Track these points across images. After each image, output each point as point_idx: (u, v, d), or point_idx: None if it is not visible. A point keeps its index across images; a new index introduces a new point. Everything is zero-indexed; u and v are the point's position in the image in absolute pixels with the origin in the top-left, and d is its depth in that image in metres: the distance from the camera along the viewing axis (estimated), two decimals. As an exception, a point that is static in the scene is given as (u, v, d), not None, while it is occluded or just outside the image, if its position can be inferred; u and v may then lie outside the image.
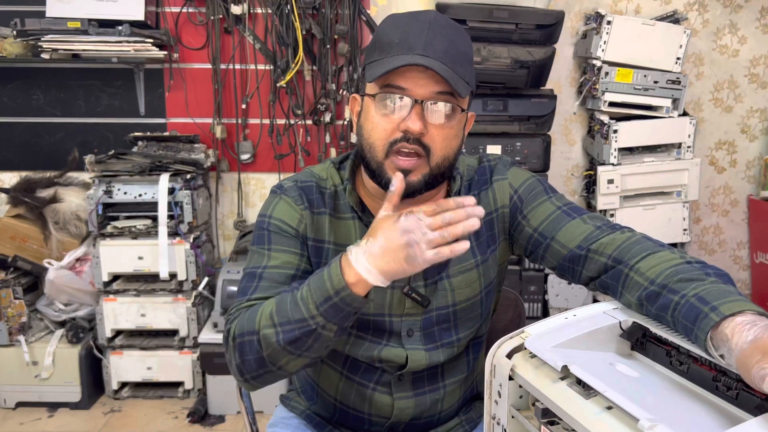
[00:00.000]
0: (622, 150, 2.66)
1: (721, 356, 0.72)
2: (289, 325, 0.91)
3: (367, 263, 0.87)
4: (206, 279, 2.63)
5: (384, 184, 1.01)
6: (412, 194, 1.01)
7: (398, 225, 0.85)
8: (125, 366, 2.62)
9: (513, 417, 0.83)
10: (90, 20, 2.54)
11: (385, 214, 0.91)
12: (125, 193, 2.56)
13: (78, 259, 2.63)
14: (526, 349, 0.81)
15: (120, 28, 2.54)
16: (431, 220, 0.85)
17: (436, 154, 1.00)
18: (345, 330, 0.94)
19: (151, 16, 2.71)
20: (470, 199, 0.87)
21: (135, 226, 2.55)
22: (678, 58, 2.60)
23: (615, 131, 2.61)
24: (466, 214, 0.86)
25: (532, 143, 2.53)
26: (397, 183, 0.93)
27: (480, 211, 0.86)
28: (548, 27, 2.40)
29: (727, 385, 0.72)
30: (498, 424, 0.84)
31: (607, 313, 0.89)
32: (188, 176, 2.61)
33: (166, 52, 2.69)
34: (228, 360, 0.99)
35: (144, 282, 2.61)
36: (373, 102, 1.00)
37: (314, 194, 1.09)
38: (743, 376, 0.68)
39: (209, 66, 2.81)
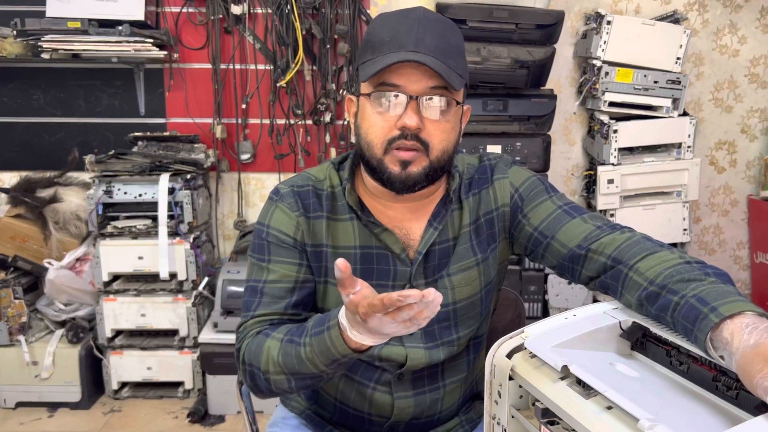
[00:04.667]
0: (622, 150, 2.66)
1: (721, 357, 0.72)
2: (300, 375, 0.96)
3: (365, 338, 0.86)
4: (206, 279, 2.63)
5: (386, 179, 1.02)
6: (412, 187, 1.02)
7: (367, 327, 0.81)
8: (125, 366, 2.62)
9: (513, 417, 0.83)
10: (90, 20, 2.54)
11: (347, 304, 0.82)
12: (125, 193, 2.56)
13: (78, 259, 2.63)
14: (526, 349, 0.81)
15: (120, 28, 2.54)
16: (390, 318, 0.78)
17: (435, 148, 1.00)
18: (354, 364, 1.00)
19: (151, 16, 2.71)
20: (415, 294, 0.75)
21: (135, 226, 2.55)
22: (678, 58, 2.60)
23: (615, 131, 2.61)
24: (426, 307, 0.76)
25: (532, 143, 2.53)
26: (339, 272, 0.79)
27: (434, 297, 0.75)
28: (548, 27, 2.40)
29: (727, 385, 0.72)
30: (498, 424, 0.85)
31: (607, 313, 0.89)
32: (188, 176, 2.61)
33: (166, 52, 2.69)
34: (240, 376, 1.06)
35: (144, 282, 2.61)
36: (369, 101, 1.00)
37: (310, 198, 1.10)
38: (745, 382, 0.68)
39: (209, 66, 2.81)
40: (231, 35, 2.80)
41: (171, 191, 2.54)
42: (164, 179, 2.52)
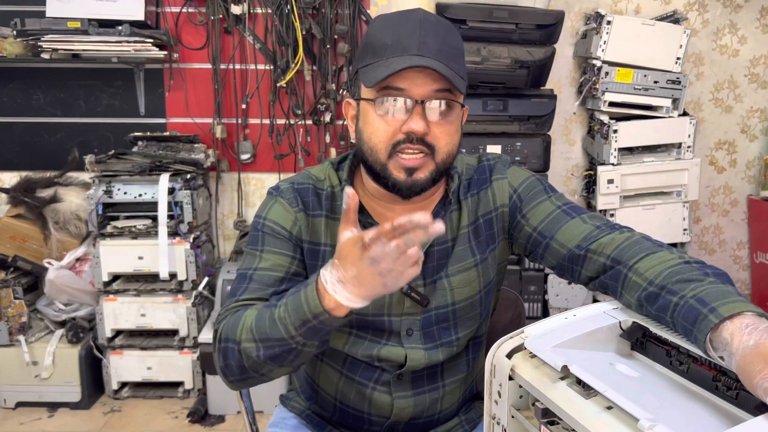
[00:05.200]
0: (622, 150, 2.66)
1: (721, 358, 0.72)
2: (269, 341, 0.92)
3: (346, 292, 0.84)
4: (206, 279, 2.63)
5: (390, 185, 1.01)
6: (420, 192, 1.02)
7: (368, 256, 0.80)
8: (125, 366, 2.62)
9: (513, 417, 0.83)
10: (90, 20, 2.54)
11: (349, 236, 0.83)
12: (125, 193, 2.56)
13: (78, 259, 2.63)
14: (526, 349, 0.81)
15: (120, 28, 2.54)
16: (395, 245, 0.78)
17: (441, 151, 1.00)
18: (326, 343, 0.95)
19: (151, 16, 2.71)
20: (424, 217, 0.77)
21: (135, 226, 2.55)
22: (678, 58, 2.60)
23: (615, 131, 2.61)
24: (426, 233, 0.78)
25: (532, 143, 2.53)
26: (349, 200, 0.84)
27: (439, 228, 0.78)
28: (548, 27, 2.40)
29: (727, 385, 0.72)
30: (498, 424, 0.85)
31: (607, 313, 0.89)
32: (188, 176, 2.61)
33: (166, 52, 2.69)
34: (215, 360, 1.00)
35: (144, 282, 2.61)
36: (372, 106, 0.99)
37: (310, 196, 1.10)
38: (745, 383, 0.68)
39: (209, 66, 2.81)
40: (231, 35, 2.80)
41: (171, 191, 2.54)
42: (164, 179, 2.52)
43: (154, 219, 2.54)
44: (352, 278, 0.83)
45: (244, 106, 2.85)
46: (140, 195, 2.56)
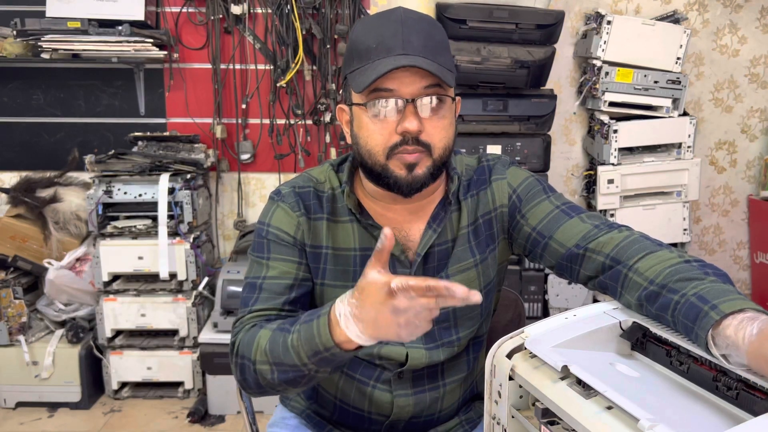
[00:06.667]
0: (622, 150, 2.66)
1: (723, 356, 0.73)
2: (282, 366, 0.93)
3: (358, 330, 0.82)
4: (206, 279, 2.63)
5: (392, 183, 1.01)
6: (420, 188, 1.02)
7: (392, 304, 0.77)
8: (125, 366, 2.62)
9: (513, 417, 0.83)
10: (90, 20, 2.54)
11: (375, 278, 0.79)
12: (125, 193, 2.56)
13: (78, 259, 2.63)
14: (526, 349, 0.82)
15: (120, 28, 2.54)
16: (425, 301, 0.77)
17: (437, 147, 1.00)
18: (340, 368, 0.95)
19: (151, 16, 2.71)
20: (463, 291, 0.77)
21: (135, 226, 2.55)
22: (678, 58, 2.60)
23: (615, 131, 2.61)
24: (461, 301, 0.77)
25: (532, 143, 2.53)
26: (386, 240, 0.80)
27: (476, 299, 0.77)
28: (548, 27, 2.40)
29: (727, 385, 0.72)
30: (498, 424, 0.85)
31: (607, 313, 0.89)
32: (188, 176, 2.61)
33: (166, 52, 2.69)
34: (233, 371, 1.03)
35: (144, 282, 2.61)
36: (364, 110, 1.00)
37: (311, 200, 1.10)
38: (760, 368, 0.68)
39: (209, 66, 2.81)
40: (231, 35, 2.80)
41: (171, 191, 2.54)
42: (164, 179, 2.52)
43: (154, 219, 2.54)
44: (369, 319, 0.81)
45: (244, 106, 2.85)
46: (140, 195, 2.56)
